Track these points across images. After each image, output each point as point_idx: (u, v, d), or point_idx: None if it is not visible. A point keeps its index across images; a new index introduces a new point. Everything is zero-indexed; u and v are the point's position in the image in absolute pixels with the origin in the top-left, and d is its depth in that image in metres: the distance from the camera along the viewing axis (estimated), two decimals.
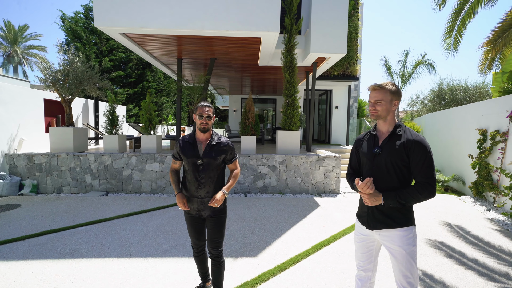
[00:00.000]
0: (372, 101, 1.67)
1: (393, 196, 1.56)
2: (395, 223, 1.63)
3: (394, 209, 1.63)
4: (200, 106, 2.02)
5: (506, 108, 4.99)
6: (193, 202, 2.07)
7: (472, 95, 11.46)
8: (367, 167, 1.73)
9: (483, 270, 2.86)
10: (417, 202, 1.55)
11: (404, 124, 11.99)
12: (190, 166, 2.03)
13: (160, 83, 18.14)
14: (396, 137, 1.65)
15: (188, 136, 2.11)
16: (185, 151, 2.05)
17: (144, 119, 6.56)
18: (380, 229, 1.67)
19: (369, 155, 1.72)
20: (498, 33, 5.05)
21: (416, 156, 1.56)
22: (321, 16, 6.45)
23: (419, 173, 1.56)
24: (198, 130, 2.07)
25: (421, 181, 1.55)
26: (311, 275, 2.75)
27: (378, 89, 1.66)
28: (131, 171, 6.22)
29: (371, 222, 1.71)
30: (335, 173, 6.32)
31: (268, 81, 11.20)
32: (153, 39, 6.01)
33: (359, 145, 1.85)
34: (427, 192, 1.52)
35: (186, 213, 2.15)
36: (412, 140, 1.58)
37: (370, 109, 1.69)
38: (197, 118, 2.02)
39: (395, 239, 1.63)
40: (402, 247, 1.61)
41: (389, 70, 17.73)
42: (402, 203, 1.55)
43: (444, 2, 5.44)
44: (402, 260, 1.62)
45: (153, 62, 7.99)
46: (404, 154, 1.59)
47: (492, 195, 5.28)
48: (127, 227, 4.02)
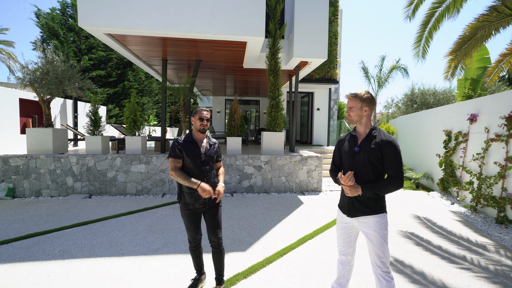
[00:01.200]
0: (347, 108, 2.00)
1: (369, 187, 1.84)
2: (370, 211, 1.91)
3: (370, 199, 1.91)
4: (200, 110, 2.27)
5: (467, 112, 5.56)
6: (198, 196, 2.22)
7: (441, 99, 12.40)
8: (348, 163, 2.00)
9: (445, 255, 3.25)
10: (389, 192, 1.84)
11: (380, 126, 12.70)
12: (194, 163, 2.20)
13: (142, 83, 17.80)
14: (372, 137, 1.93)
15: (186, 137, 2.27)
16: (188, 149, 2.21)
17: (129, 120, 6.52)
18: (359, 216, 1.95)
19: (350, 153, 1.99)
20: (460, 44, 5.60)
21: (388, 154, 1.85)
22: (303, 22, 6.77)
23: (390, 168, 1.85)
24: (196, 131, 2.29)
25: (392, 175, 1.84)
26: (297, 265, 2.98)
27: (350, 98, 1.97)
28: (116, 172, 6.17)
29: (351, 211, 1.98)
30: (317, 172, 6.65)
31: (251, 83, 11.43)
32: (139, 40, 6.01)
33: (341, 145, 2.13)
34: (397, 184, 1.82)
35: (186, 209, 2.28)
36: (385, 141, 1.88)
37: (346, 114, 2.02)
38: (197, 120, 2.25)
39: (370, 225, 1.91)
40: (376, 231, 1.89)
41: (367, 74, 18.63)
42: (377, 193, 1.84)
43: (413, 15, 5.96)
44: (376, 243, 1.89)
45: (136, 62, 7.93)
46: (379, 152, 1.88)
47: (455, 190, 5.84)
48: (115, 228, 4.05)
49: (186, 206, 2.27)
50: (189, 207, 2.27)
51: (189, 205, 2.26)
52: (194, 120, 2.27)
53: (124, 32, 5.29)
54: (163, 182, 6.23)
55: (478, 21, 4.98)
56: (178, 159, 2.21)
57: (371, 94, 1.98)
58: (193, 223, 2.31)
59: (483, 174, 4.81)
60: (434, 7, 5.66)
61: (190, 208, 2.27)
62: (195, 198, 2.24)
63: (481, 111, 5.11)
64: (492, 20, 4.74)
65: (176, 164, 2.21)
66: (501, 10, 4.58)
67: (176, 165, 2.21)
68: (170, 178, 6.23)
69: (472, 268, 2.93)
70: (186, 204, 2.27)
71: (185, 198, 2.27)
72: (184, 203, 2.28)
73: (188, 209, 2.27)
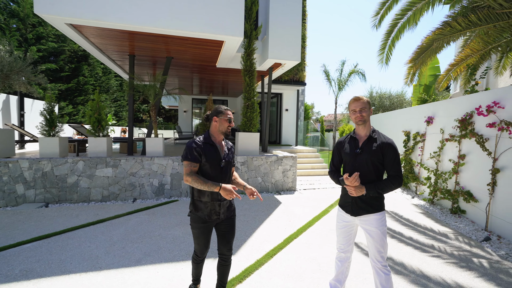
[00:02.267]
0: (358, 109, 2.05)
1: (373, 187, 1.96)
2: (373, 209, 2.03)
3: (372, 198, 2.03)
4: (225, 109, 2.09)
5: (424, 114, 6.21)
6: (214, 205, 2.04)
7: (395, 102, 13.65)
8: (350, 165, 2.09)
9: (417, 245, 3.59)
10: (391, 191, 1.97)
11: (342, 126, 13.38)
12: (214, 169, 2.01)
13: (99, 78, 16.33)
14: (373, 139, 2.06)
15: (204, 139, 2.05)
16: (208, 153, 2.00)
17: (92, 120, 5.94)
18: (362, 215, 2.05)
19: (352, 155, 2.09)
20: (418, 53, 6.22)
21: (389, 155, 1.99)
22: (278, 24, 6.88)
23: (391, 168, 1.99)
24: (218, 132, 2.08)
25: (393, 175, 1.98)
26: (289, 265, 3.03)
27: (361, 100, 2.07)
28: (78, 177, 5.58)
29: (355, 210, 2.08)
30: (292, 172, 6.82)
31: (220, 82, 11.26)
32: (106, 33, 5.51)
33: (341, 147, 2.22)
34: (398, 182, 1.96)
35: (201, 222, 2.05)
36: (386, 143, 2.02)
37: (357, 116, 2.06)
38: (224, 121, 2.06)
39: (372, 222, 2.03)
40: (377, 228, 2.01)
41: (328, 77, 19.66)
42: (379, 192, 1.96)
43: (380, 24, 6.46)
44: (378, 239, 2.01)
45: (98, 56, 7.25)
46: (380, 153, 2.01)
47: (414, 185, 6.48)
48: (86, 239, 3.66)
49: (201, 219, 2.04)
50: (204, 220, 2.04)
51: (204, 216, 2.03)
52: (219, 120, 2.05)
53: (90, 24, 4.80)
54: (133, 186, 5.81)
55: (434, 34, 5.58)
56: (195, 163, 1.98)
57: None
58: (206, 236, 2.09)
59: (439, 170, 5.42)
60: (397, 19, 6.20)
61: (205, 220, 2.04)
62: (211, 208, 2.04)
63: (437, 114, 5.75)
64: (446, 34, 5.35)
65: (193, 168, 1.98)
66: (453, 25, 5.19)
67: (192, 169, 1.97)
68: (141, 182, 5.84)
69: (441, 255, 3.28)
70: (201, 216, 2.04)
71: (201, 209, 2.04)
72: (198, 215, 2.04)
73: (203, 222, 2.04)
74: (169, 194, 5.98)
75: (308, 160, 9.63)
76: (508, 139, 3.76)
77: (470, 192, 4.49)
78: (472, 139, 4.51)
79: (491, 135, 4.11)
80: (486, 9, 4.66)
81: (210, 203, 2.04)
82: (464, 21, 4.97)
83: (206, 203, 2.04)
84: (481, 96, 4.46)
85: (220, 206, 2.07)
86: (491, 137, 4.12)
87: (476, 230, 4.09)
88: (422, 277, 2.78)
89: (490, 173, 4.03)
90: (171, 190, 5.99)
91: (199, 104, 16.60)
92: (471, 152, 4.59)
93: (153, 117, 6.61)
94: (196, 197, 2.06)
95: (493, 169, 3.98)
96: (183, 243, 3.55)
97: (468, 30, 5.08)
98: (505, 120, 3.76)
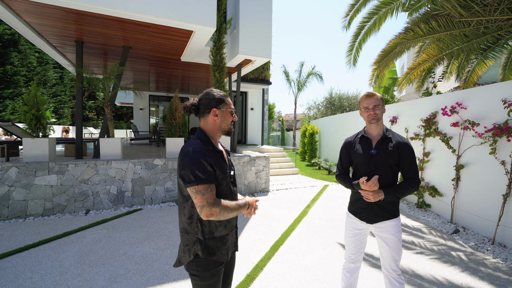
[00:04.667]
0: (371, 107, 1.86)
1: (391, 191, 1.79)
2: (390, 215, 1.87)
3: (389, 203, 1.86)
4: (225, 95, 1.45)
5: (388, 114, 6.54)
6: (233, 237, 1.49)
7: (353, 103, 14.47)
8: (364, 167, 1.90)
9: None
10: (409, 194, 1.83)
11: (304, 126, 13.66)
12: (226, 186, 1.40)
13: (33, 69, 13.95)
14: (388, 139, 1.89)
15: (208, 144, 1.39)
16: (220, 164, 1.38)
17: (29, 117, 4.87)
18: (379, 222, 1.88)
19: (366, 156, 1.90)
20: (382, 56, 6.53)
21: (406, 156, 1.84)
22: (248, 19, 6.58)
23: (409, 170, 1.84)
24: (218, 132, 1.45)
25: (411, 177, 1.83)
26: (283, 278, 2.76)
27: (374, 96, 1.87)
28: (9, 188, 4.51)
29: (371, 217, 1.90)
30: (265, 172, 6.60)
31: (180, 78, 10.49)
32: (44, 10, 4.54)
33: (351, 147, 2.02)
34: (416, 185, 1.82)
35: (216, 267, 1.37)
36: (402, 143, 1.86)
37: (370, 113, 1.87)
38: (226, 115, 1.44)
39: (389, 229, 1.87)
40: (394, 235, 1.86)
41: (288, 77, 20.09)
42: (398, 196, 1.79)
43: (349, 26, 6.62)
44: (394, 247, 1.86)
45: (35, 40, 6.04)
46: (397, 154, 1.85)
47: None
48: (25, 267, 2.88)
49: (218, 263, 1.38)
50: (222, 259, 1.40)
51: (224, 257, 1.40)
52: (222, 114, 1.42)
53: None
54: (85, 195, 4.94)
55: (398, 38, 5.89)
56: (212, 184, 1.29)
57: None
58: (220, 279, 1.42)
59: None
60: (364, 21, 6.40)
61: (223, 260, 1.41)
62: (232, 241, 1.48)
63: (401, 114, 6.09)
64: (409, 38, 5.67)
65: (214, 192, 1.29)
66: (416, 31, 5.52)
67: (214, 193, 1.28)
68: (95, 190, 4.99)
69: (423, 251, 3.36)
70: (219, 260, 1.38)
71: (218, 249, 1.38)
72: (216, 257, 1.37)
73: (219, 265, 1.39)
74: (130, 203, 5.23)
75: (276, 160, 9.55)
76: (471, 137, 4.07)
77: (435, 187, 4.81)
78: (437, 137, 4.83)
79: (455, 133, 4.43)
80: (445, 17, 5.02)
81: (229, 235, 1.45)
82: (425, 27, 5.27)
83: (224, 237, 1.41)
84: (444, 97, 4.80)
85: (236, 233, 1.54)
86: (454, 136, 4.44)
87: (443, 223, 4.36)
88: (415, 277, 2.77)
89: (455, 169, 4.34)
90: (133, 197, 5.26)
91: (156, 101, 15.40)
92: (435, 150, 4.92)
93: (109, 114, 5.74)
94: (208, 235, 1.35)
95: (457, 165, 4.29)
96: (157, 262, 3.03)
97: (428, 35, 5.42)
98: (469, 120, 4.06)
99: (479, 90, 4.12)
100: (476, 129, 3.98)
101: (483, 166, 3.88)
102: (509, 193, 3.45)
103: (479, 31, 4.86)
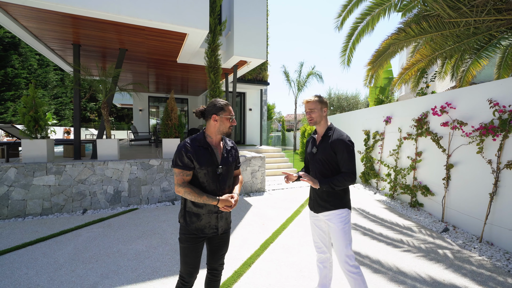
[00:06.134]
0: (307, 110, 2.04)
1: (326, 181, 1.93)
2: (331, 206, 2.01)
3: (330, 195, 2.01)
4: (226, 104, 1.76)
5: (382, 114, 6.60)
6: (210, 218, 1.75)
7: (352, 103, 14.51)
8: (311, 163, 2.14)
9: (388, 240, 3.71)
10: (344, 186, 1.95)
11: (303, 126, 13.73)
12: (210, 176, 1.71)
13: (33, 71, 14.13)
14: (327, 138, 2.04)
15: (196, 141, 1.73)
16: (201, 158, 1.69)
17: (27, 119, 4.98)
18: (322, 212, 2.06)
19: (310, 154, 2.13)
20: (376, 57, 6.58)
21: (340, 152, 1.97)
22: (243, 20, 6.66)
23: (342, 165, 1.97)
24: (215, 133, 1.77)
25: (345, 171, 1.96)
26: (270, 274, 2.83)
27: (311, 100, 2.04)
28: (9, 188, 4.63)
29: (316, 207, 2.12)
30: (261, 172, 6.67)
31: (179, 79, 10.60)
32: (41, 15, 4.65)
33: (306, 146, 2.25)
34: (350, 179, 1.93)
35: (191, 234, 1.73)
36: (336, 140, 1.99)
37: (307, 117, 2.07)
38: (225, 120, 1.74)
39: (332, 219, 2.01)
40: (335, 224, 1.99)
41: (288, 78, 20.13)
42: (333, 186, 1.92)
43: (341, 26, 6.69)
44: (336, 236, 1.99)
45: (33, 43, 6.15)
46: (332, 151, 1.99)
47: (375, 181, 6.87)
48: (21, 264, 2.98)
49: (193, 234, 1.73)
50: (197, 233, 1.74)
51: (198, 231, 1.73)
52: (221, 119, 1.73)
53: (19, 2, 3.98)
54: (83, 195, 5.04)
55: (390, 38, 5.94)
56: (188, 171, 1.68)
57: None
58: (196, 253, 1.75)
59: (398, 167, 5.79)
60: (357, 22, 6.46)
61: (198, 235, 1.74)
62: (206, 220, 1.74)
63: (394, 114, 6.14)
64: (401, 39, 5.73)
65: (185, 177, 1.68)
66: (407, 31, 5.57)
67: (185, 178, 1.68)
68: (92, 190, 5.10)
69: (411, 249, 3.42)
70: (194, 229, 1.73)
71: (193, 222, 1.73)
72: (191, 227, 1.73)
73: (195, 234, 1.74)
74: (127, 202, 5.33)
75: (274, 160, 9.62)
76: (460, 137, 4.12)
77: (427, 187, 4.86)
78: (428, 137, 4.88)
79: (445, 133, 4.48)
80: (435, 18, 5.06)
81: (206, 215, 1.74)
82: (417, 28, 5.33)
83: (200, 215, 1.73)
84: (435, 97, 4.85)
85: (217, 219, 1.78)
86: (444, 135, 4.49)
87: (434, 221, 4.42)
88: (399, 274, 2.83)
89: (445, 168, 4.39)
90: (129, 197, 5.35)
91: (156, 102, 15.52)
92: (427, 149, 4.97)
93: (105, 115, 5.85)
94: (188, 208, 1.74)
95: (447, 164, 4.34)
96: (148, 259, 3.12)
97: (420, 36, 5.47)
98: (458, 120, 4.11)
99: (468, 90, 4.17)
100: (464, 129, 4.03)
101: (471, 165, 3.93)
102: (495, 192, 3.50)
103: (469, 31, 4.91)
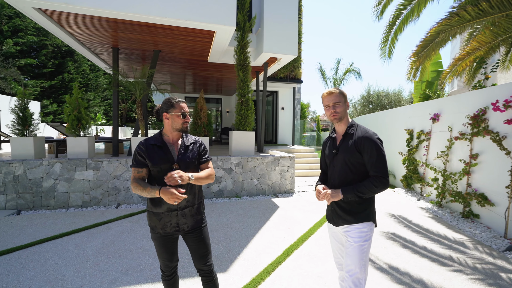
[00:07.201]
0: (331, 104, 1.71)
1: (350, 189, 1.61)
2: (354, 219, 1.67)
3: (353, 205, 1.67)
4: (178, 101, 1.74)
5: (429, 111, 5.84)
6: (171, 216, 1.72)
7: (393, 100, 13.36)
8: (330, 168, 1.80)
9: (433, 256, 3.19)
10: (374, 194, 1.61)
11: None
12: (164, 174, 1.66)
13: (86, 76, 15.64)
14: (349, 136, 1.72)
15: (152, 139, 1.75)
16: (153, 156, 1.68)
17: (71, 118, 5.40)
18: (342, 225, 1.72)
19: (330, 156, 1.80)
20: (422, 47, 5.85)
21: (367, 151, 1.62)
22: (273, 16, 6.45)
23: (371, 167, 1.62)
24: (172, 130, 1.76)
25: (374, 175, 1.60)
26: (291, 285, 2.59)
27: (334, 93, 1.72)
28: (55, 181, 5.05)
29: (335, 218, 1.78)
30: (290, 173, 6.39)
31: (214, 79, 10.76)
32: (82, 20, 4.98)
33: (324, 148, 1.91)
34: (381, 184, 1.58)
35: (155, 233, 1.76)
36: (361, 137, 1.65)
37: (331, 112, 1.72)
38: (176, 117, 1.72)
39: (351, 233, 1.68)
40: (353, 240, 1.66)
41: (324, 75, 19.34)
42: (359, 195, 1.59)
43: (382, 15, 6.09)
44: (351, 253, 1.65)
45: (79, 49, 6.69)
46: (356, 151, 1.65)
47: (419, 186, 6.12)
48: (55, 254, 3.16)
49: (157, 231, 1.75)
50: (160, 232, 1.74)
51: (156, 228, 1.74)
52: (171, 117, 1.72)
53: (61, 8, 4.28)
54: (117, 190, 5.30)
55: (440, 25, 5.21)
56: (140, 168, 1.70)
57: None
58: (165, 248, 1.78)
59: (447, 171, 5.06)
60: (400, 9, 5.82)
61: (161, 234, 1.75)
62: (166, 219, 1.71)
63: (443, 111, 5.39)
64: (453, 24, 4.98)
65: (137, 174, 1.69)
66: (462, 15, 4.82)
67: (136, 175, 1.69)
68: (126, 186, 5.34)
69: (463, 269, 2.88)
70: (156, 228, 1.75)
71: (153, 221, 1.74)
72: (152, 226, 1.76)
73: (157, 232, 1.75)
74: None
75: (305, 160, 9.23)
76: None
77: (484, 195, 4.13)
78: (487, 137, 4.15)
79: (509, 132, 3.74)
80: None
81: (164, 214, 1.71)
82: (474, 10, 4.60)
83: (159, 214, 1.72)
84: (496, 90, 4.10)
85: (178, 216, 1.73)
86: (509, 135, 3.76)
87: (494, 237, 3.72)
88: None
89: (509, 174, 3.66)
90: None
91: (192, 103, 16.07)
92: (484, 152, 4.23)
93: (140, 115, 6.11)
94: (148, 207, 1.76)
95: None
96: None
97: (478, 20, 4.72)
98: None
99: None
100: None
101: None
102: None
103: None
